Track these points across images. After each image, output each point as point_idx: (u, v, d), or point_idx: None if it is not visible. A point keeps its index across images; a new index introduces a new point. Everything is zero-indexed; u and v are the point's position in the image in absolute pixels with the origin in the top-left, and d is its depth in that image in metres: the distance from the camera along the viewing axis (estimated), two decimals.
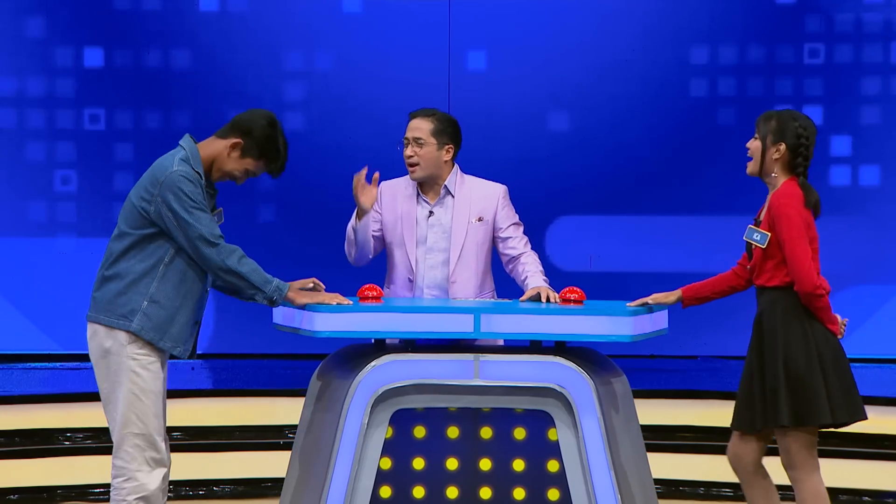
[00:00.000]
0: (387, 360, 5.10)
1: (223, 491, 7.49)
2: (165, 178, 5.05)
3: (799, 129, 5.26)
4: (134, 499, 5.07)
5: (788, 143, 5.27)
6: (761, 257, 5.27)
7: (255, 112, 5.26)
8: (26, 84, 10.74)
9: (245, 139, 5.20)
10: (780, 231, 5.20)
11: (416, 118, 5.92)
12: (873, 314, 10.70)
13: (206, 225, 5.04)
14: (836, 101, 10.74)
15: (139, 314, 5.04)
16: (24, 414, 8.07)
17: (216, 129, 5.28)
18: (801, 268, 5.17)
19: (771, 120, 5.31)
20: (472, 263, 5.90)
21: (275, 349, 10.33)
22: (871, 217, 10.64)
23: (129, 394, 5.07)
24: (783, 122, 5.28)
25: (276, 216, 10.84)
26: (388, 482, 5.16)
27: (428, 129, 5.88)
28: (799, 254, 5.18)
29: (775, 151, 5.28)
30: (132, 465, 5.09)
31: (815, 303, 5.21)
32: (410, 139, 5.88)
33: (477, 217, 5.91)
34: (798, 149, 5.27)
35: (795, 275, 5.18)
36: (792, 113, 5.32)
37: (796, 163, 5.28)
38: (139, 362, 5.06)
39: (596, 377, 5.11)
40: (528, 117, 10.83)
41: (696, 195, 10.84)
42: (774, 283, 5.25)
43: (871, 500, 7.37)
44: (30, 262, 10.74)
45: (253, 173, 5.27)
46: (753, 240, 5.30)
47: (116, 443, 5.13)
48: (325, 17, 10.86)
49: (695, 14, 10.82)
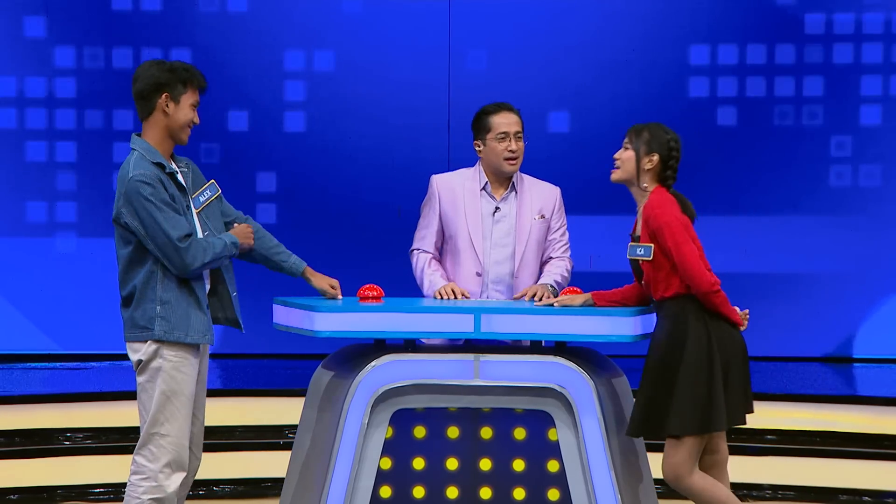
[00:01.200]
0: (387, 360, 5.10)
1: (223, 491, 7.48)
2: (126, 189, 5.04)
3: (671, 141, 5.36)
4: (148, 499, 5.07)
5: (661, 154, 5.30)
6: (651, 270, 5.26)
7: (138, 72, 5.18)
8: (26, 84, 10.74)
9: (162, 89, 5.12)
10: (663, 240, 5.22)
11: (511, 112, 5.94)
12: (873, 314, 10.69)
13: (172, 226, 5.01)
14: (836, 101, 10.73)
15: (157, 320, 5.07)
16: (24, 414, 8.06)
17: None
18: (693, 270, 5.18)
19: (643, 132, 5.36)
20: (533, 260, 5.93)
21: (275, 349, 10.32)
22: (871, 217, 10.63)
23: (160, 394, 5.09)
24: (655, 134, 5.34)
25: (276, 216, 10.83)
26: (388, 482, 5.16)
27: (521, 124, 5.90)
28: (688, 257, 5.19)
29: (648, 161, 5.32)
30: (153, 465, 5.09)
31: (713, 300, 5.21)
32: (511, 134, 5.87)
33: (539, 214, 5.94)
34: (669, 161, 5.36)
35: (689, 278, 5.18)
36: (662, 126, 5.41)
37: (665, 175, 5.38)
38: (172, 364, 5.09)
39: (596, 377, 5.12)
40: (528, 117, 10.79)
41: (695, 195, 10.79)
42: (671, 293, 5.23)
43: (871, 500, 7.37)
44: (30, 262, 10.74)
45: (196, 103, 5.19)
46: (638, 255, 5.30)
47: (142, 441, 5.13)
48: (325, 17, 10.86)
49: (695, 14, 10.82)
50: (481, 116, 5.93)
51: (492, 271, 5.90)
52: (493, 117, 5.90)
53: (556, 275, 5.89)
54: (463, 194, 5.91)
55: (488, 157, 5.92)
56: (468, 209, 5.90)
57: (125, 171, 5.08)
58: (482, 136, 5.92)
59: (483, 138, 5.92)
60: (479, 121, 5.93)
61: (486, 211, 5.92)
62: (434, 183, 5.95)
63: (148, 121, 5.15)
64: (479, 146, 5.93)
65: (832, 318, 10.63)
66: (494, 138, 5.88)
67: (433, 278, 5.85)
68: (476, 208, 5.90)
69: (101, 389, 8.76)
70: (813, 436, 7.73)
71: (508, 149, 5.87)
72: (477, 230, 5.88)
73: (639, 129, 5.40)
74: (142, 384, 5.11)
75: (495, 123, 5.89)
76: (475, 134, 5.95)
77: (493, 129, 5.88)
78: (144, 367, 5.09)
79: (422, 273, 5.89)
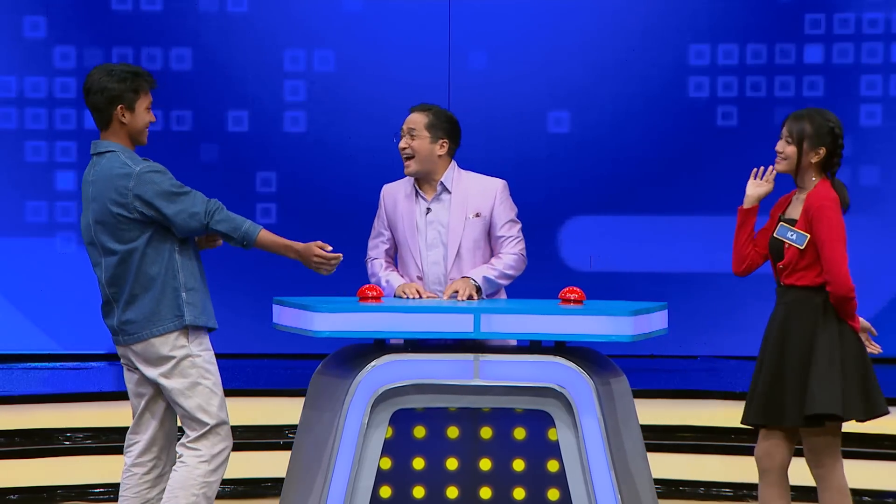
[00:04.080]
0: (387, 360, 5.10)
1: (223, 491, 7.48)
2: (136, 182, 5.09)
3: (835, 129, 5.31)
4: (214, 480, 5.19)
5: (827, 146, 5.30)
6: (795, 257, 5.28)
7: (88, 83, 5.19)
8: (26, 84, 10.74)
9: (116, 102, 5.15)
10: (819, 232, 5.23)
11: (414, 112, 5.93)
12: (873, 314, 10.69)
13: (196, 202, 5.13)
14: (836, 101, 10.73)
15: (186, 307, 5.16)
16: (24, 414, 8.06)
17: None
18: (840, 271, 5.21)
19: (804, 121, 5.32)
20: (471, 260, 5.88)
21: (275, 349, 10.32)
22: (871, 217, 10.64)
23: (205, 389, 5.19)
24: (818, 124, 5.30)
25: (276, 216, 10.83)
26: (388, 482, 5.16)
27: (422, 122, 5.88)
28: (838, 257, 5.22)
29: (815, 155, 5.30)
30: (214, 451, 5.20)
31: (846, 305, 5.26)
32: (405, 130, 5.88)
33: (474, 213, 5.90)
34: (837, 150, 5.32)
35: (834, 277, 5.21)
36: (823, 112, 5.36)
37: (832, 163, 5.34)
38: (203, 358, 5.21)
39: (596, 377, 5.11)
40: (528, 117, 10.83)
41: (696, 195, 10.84)
42: (804, 283, 5.28)
43: (871, 500, 7.37)
44: (30, 262, 10.74)
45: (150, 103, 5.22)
46: (789, 238, 5.31)
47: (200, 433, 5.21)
48: (325, 17, 10.86)
49: (695, 14, 10.82)
50: None
51: (430, 272, 5.90)
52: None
53: (488, 270, 5.84)
54: (400, 199, 5.93)
55: None
56: (403, 213, 5.92)
57: (122, 167, 5.09)
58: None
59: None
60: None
61: (420, 213, 5.92)
62: (382, 192, 6.00)
63: (108, 129, 5.22)
64: None
65: None
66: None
67: (390, 277, 5.88)
68: (410, 211, 5.90)
69: (101, 389, 8.76)
70: None
71: (400, 147, 5.88)
72: (412, 233, 5.89)
73: (798, 118, 5.32)
74: (175, 379, 5.17)
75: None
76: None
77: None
78: (177, 364, 5.16)
79: (377, 277, 5.91)
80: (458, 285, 5.73)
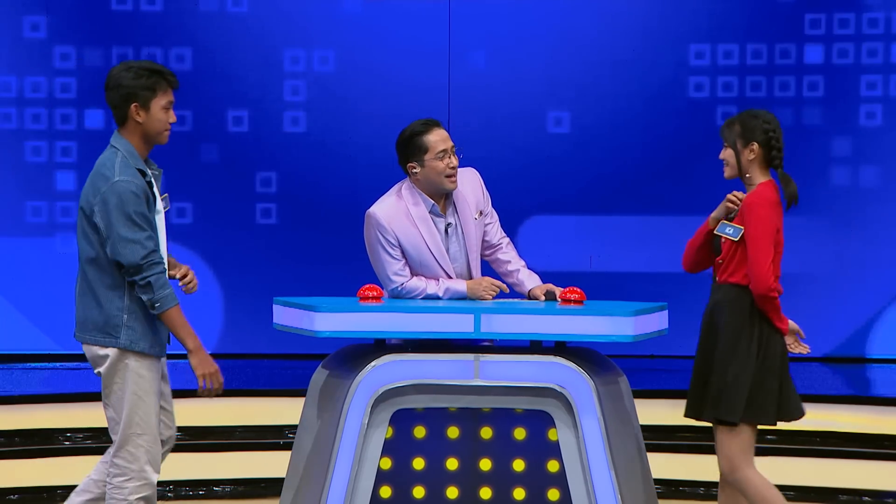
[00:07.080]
0: (387, 360, 5.10)
1: (223, 491, 7.48)
2: (107, 189, 4.94)
3: (765, 125, 5.32)
4: (135, 498, 5.06)
5: (759, 141, 5.29)
6: (729, 252, 5.30)
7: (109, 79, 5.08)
8: (26, 84, 10.74)
9: (131, 100, 5.03)
10: (746, 229, 5.28)
11: (441, 128, 5.77)
12: (873, 314, 10.69)
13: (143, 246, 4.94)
14: (836, 101, 10.73)
15: (122, 329, 5.04)
16: (24, 414, 8.06)
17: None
18: (759, 269, 5.22)
19: (734, 125, 5.35)
20: (479, 259, 5.89)
21: (275, 349, 10.32)
22: (871, 217, 10.63)
23: (132, 395, 5.07)
24: (746, 122, 5.33)
25: (276, 216, 10.83)
26: (388, 482, 5.16)
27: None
28: (760, 255, 5.23)
29: (749, 152, 5.32)
30: (135, 465, 5.09)
31: (764, 304, 5.26)
32: (449, 150, 5.75)
33: (477, 213, 5.88)
34: (770, 143, 5.32)
35: (753, 275, 5.23)
36: (752, 112, 5.38)
37: (772, 156, 5.34)
38: (140, 364, 5.06)
39: (596, 377, 5.11)
40: (528, 117, 10.83)
41: (696, 195, 10.80)
42: (736, 280, 5.30)
43: (871, 500, 7.37)
44: (30, 262, 10.74)
45: (170, 103, 5.09)
46: (726, 233, 5.35)
47: (119, 443, 5.12)
48: (325, 17, 10.86)
49: (695, 14, 10.82)
50: (413, 138, 5.72)
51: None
52: (427, 136, 5.73)
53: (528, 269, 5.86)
54: (411, 224, 5.75)
55: (427, 177, 5.73)
56: (426, 235, 5.75)
57: (107, 169, 4.98)
58: (418, 158, 5.74)
59: (420, 159, 5.75)
60: (412, 142, 5.73)
61: (441, 234, 5.85)
62: (378, 219, 5.75)
63: (125, 127, 5.08)
64: (414, 168, 5.73)
65: (831, 318, 10.63)
66: (434, 157, 5.75)
67: (448, 285, 5.74)
68: (433, 232, 5.76)
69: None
70: (813, 436, 7.73)
71: (449, 165, 5.75)
72: (442, 256, 5.77)
73: (730, 123, 5.37)
74: (108, 385, 5.09)
75: (432, 142, 5.73)
76: (408, 157, 5.74)
77: (430, 149, 5.73)
78: (110, 368, 5.06)
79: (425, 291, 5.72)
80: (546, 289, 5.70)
